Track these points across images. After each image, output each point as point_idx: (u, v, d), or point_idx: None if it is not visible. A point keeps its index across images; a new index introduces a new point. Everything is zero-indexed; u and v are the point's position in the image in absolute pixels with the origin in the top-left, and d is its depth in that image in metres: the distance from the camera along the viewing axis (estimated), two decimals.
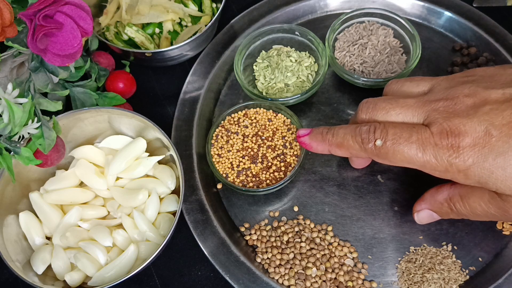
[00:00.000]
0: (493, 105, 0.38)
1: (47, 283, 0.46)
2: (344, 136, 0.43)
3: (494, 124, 0.37)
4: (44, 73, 0.48)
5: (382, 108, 0.42)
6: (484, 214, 0.41)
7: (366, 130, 0.41)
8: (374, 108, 0.43)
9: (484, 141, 0.37)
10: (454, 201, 0.43)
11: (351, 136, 0.42)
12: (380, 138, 0.40)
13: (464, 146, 0.37)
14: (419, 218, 0.47)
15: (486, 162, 0.37)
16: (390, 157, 0.40)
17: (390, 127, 0.40)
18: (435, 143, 0.38)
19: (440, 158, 0.38)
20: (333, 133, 0.44)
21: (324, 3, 0.64)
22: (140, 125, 0.50)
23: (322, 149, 0.45)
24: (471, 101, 0.39)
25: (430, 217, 0.46)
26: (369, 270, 0.49)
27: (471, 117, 0.38)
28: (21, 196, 0.49)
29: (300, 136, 0.47)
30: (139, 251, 0.47)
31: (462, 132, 0.37)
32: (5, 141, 0.42)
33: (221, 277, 0.48)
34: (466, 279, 0.48)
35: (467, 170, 0.38)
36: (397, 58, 0.57)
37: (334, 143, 0.44)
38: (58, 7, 0.43)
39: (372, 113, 0.43)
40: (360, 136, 0.42)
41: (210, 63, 0.60)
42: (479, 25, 0.60)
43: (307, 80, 0.57)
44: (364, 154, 0.42)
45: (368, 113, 0.43)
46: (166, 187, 0.49)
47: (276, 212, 0.52)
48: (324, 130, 0.45)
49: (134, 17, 0.58)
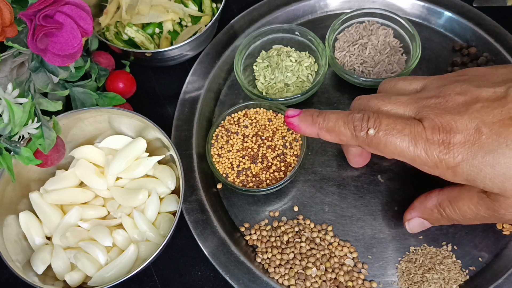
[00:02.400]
0: (484, 103, 0.38)
1: (47, 283, 0.46)
2: (336, 121, 0.42)
3: (484, 122, 0.37)
4: (44, 73, 0.48)
5: (374, 104, 0.42)
6: (474, 216, 0.41)
7: (359, 118, 0.41)
8: (366, 104, 0.43)
9: (474, 138, 0.37)
10: (443, 206, 0.43)
11: (343, 122, 0.42)
12: (373, 127, 0.40)
13: (455, 142, 0.37)
14: (410, 227, 0.47)
15: (475, 160, 0.37)
16: (382, 148, 0.40)
17: (384, 118, 0.40)
18: (427, 138, 0.38)
19: (430, 153, 0.38)
20: (324, 117, 0.43)
21: (324, 3, 0.64)
22: (140, 125, 0.50)
23: (310, 132, 0.44)
24: (463, 99, 0.39)
25: (421, 225, 0.46)
26: (369, 270, 0.49)
27: (462, 114, 0.38)
28: (21, 196, 0.49)
29: (289, 116, 0.45)
30: (139, 251, 0.47)
31: (453, 128, 0.37)
32: (5, 141, 0.42)
33: (221, 277, 0.48)
34: (466, 279, 0.48)
35: (456, 167, 0.38)
36: (397, 58, 0.57)
37: (325, 127, 0.43)
38: (58, 7, 0.43)
39: (368, 103, 0.43)
40: (353, 123, 0.41)
41: (210, 63, 0.60)
42: (479, 25, 0.60)
43: (307, 80, 0.57)
44: (355, 142, 0.42)
45: (363, 102, 0.44)
46: (166, 187, 0.49)
47: (276, 212, 0.52)
48: (314, 113, 0.44)
49: (134, 17, 0.58)
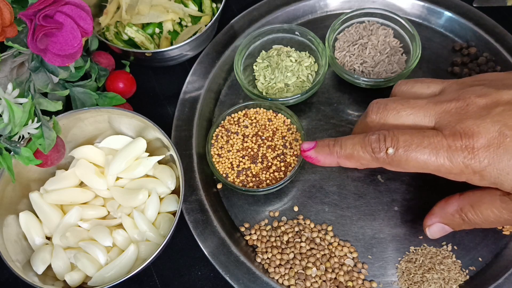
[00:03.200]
0: (506, 106, 0.38)
1: (47, 283, 0.46)
2: (353, 147, 0.42)
3: (507, 125, 0.37)
4: (44, 73, 0.48)
5: (393, 108, 0.42)
6: (497, 220, 0.41)
7: (376, 139, 0.41)
8: (384, 108, 0.42)
9: (498, 141, 0.37)
10: (465, 211, 0.42)
11: (360, 147, 0.41)
12: (391, 146, 0.40)
13: (479, 147, 0.37)
14: (431, 232, 0.46)
15: (502, 163, 0.37)
16: (403, 165, 0.40)
17: (400, 134, 0.40)
18: (449, 145, 0.38)
19: (455, 161, 0.38)
20: (341, 145, 0.43)
21: (324, 3, 0.64)
22: (140, 125, 0.50)
23: (330, 162, 0.44)
24: (483, 102, 0.39)
25: (442, 230, 0.45)
26: (369, 270, 0.49)
27: (484, 118, 0.38)
28: (21, 196, 0.49)
29: (305, 150, 0.45)
30: (139, 251, 0.47)
31: (475, 133, 0.37)
32: (5, 141, 0.42)
33: (221, 277, 0.48)
34: (466, 279, 0.48)
35: (483, 171, 0.38)
36: (397, 58, 0.57)
37: (343, 155, 0.42)
38: (58, 7, 0.43)
39: (383, 114, 0.42)
40: (370, 145, 0.41)
41: (210, 63, 0.60)
42: (479, 25, 0.60)
43: (307, 80, 0.57)
44: (376, 164, 0.41)
45: (378, 113, 0.43)
46: (166, 187, 0.49)
47: (276, 212, 0.52)
48: (330, 142, 0.44)
49: (134, 17, 0.58)
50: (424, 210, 0.47)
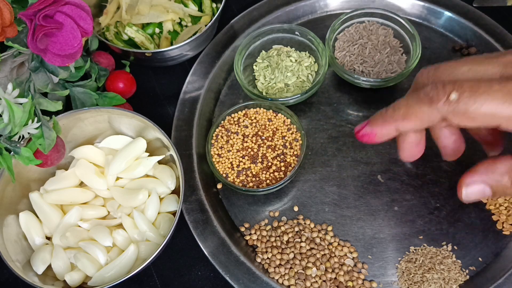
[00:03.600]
0: None
1: (47, 283, 0.46)
2: (408, 104, 0.37)
3: None
4: (44, 73, 0.48)
5: (448, 65, 0.37)
6: None
7: (433, 87, 0.35)
8: (437, 67, 0.37)
9: None
10: None
11: (416, 102, 0.36)
12: (454, 90, 0.34)
13: None
14: (467, 193, 0.38)
15: None
16: (471, 112, 0.34)
17: (463, 79, 0.34)
18: None
19: None
20: (394, 108, 0.38)
21: (324, 3, 0.64)
22: (140, 125, 0.50)
23: (388, 131, 0.39)
24: None
25: (481, 192, 0.38)
26: (369, 270, 0.49)
27: None
28: (21, 196, 0.49)
29: (359, 130, 0.40)
30: (139, 251, 0.47)
31: None
32: (5, 141, 0.42)
33: (221, 277, 0.48)
34: (466, 279, 0.48)
35: None
36: (397, 58, 0.57)
37: (400, 115, 0.37)
38: (58, 7, 0.43)
39: (436, 72, 0.37)
40: (427, 96, 0.35)
41: (210, 63, 0.60)
42: (479, 25, 0.60)
43: (307, 80, 0.57)
44: (437, 115, 0.35)
45: (430, 72, 0.37)
46: (166, 187, 0.49)
47: (276, 212, 0.52)
48: (382, 110, 0.39)
49: (134, 17, 0.58)
50: (424, 210, 0.47)
